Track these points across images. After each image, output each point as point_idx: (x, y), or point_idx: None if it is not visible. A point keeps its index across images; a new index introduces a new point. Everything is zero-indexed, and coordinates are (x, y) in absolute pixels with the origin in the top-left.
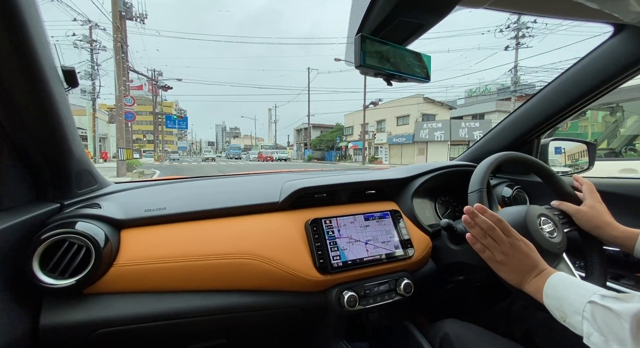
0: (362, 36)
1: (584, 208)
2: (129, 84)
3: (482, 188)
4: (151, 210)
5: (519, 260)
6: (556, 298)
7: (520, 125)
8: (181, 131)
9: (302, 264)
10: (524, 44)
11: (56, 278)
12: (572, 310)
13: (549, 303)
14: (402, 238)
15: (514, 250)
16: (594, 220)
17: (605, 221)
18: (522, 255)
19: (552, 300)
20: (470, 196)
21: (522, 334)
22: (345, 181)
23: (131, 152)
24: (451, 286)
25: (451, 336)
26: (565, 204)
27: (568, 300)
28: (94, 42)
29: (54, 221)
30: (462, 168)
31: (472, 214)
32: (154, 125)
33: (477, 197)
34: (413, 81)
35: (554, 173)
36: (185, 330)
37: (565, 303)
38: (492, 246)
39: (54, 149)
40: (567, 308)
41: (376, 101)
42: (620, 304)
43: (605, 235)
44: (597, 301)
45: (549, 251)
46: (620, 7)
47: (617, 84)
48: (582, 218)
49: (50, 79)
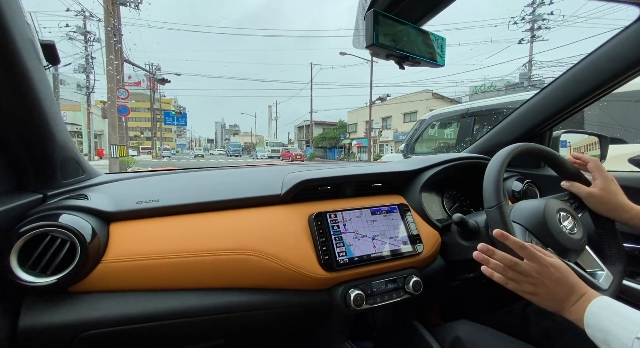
0: (374, 12)
1: (595, 190)
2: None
3: (500, 203)
4: (143, 202)
5: (551, 288)
6: (600, 330)
7: (533, 116)
8: (180, 128)
9: (305, 260)
10: (540, 37)
11: (37, 275)
12: (619, 346)
13: (593, 335)
14: (410, 233)
15: (544, 278)
16: (607, 202)
17: (619, 203)
18: (553, 282)
19: (596, 332)
20: (488, 213)
21: (539, 336)
22: (350, 174)
23: (125, 149)
24: (457, 283)
25: (463, 339)
26: (575, 185)
27: (614, 334)
28: (88, 33)
29: (35, 213)
30: (471, 160)
31: (489, 251)
32: (151, 121)
33: (498, 214)
34: (426, 65)
35: (558, 154)
36: (181, 331)
37: (610, 337)
38: (517, 280)
39: (33, 133)
40: (614, 343)
41: (384, 97)
42: None
43: (618, 216)
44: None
45: (572, 249)
46: None
47: (637, 73)
48: (594, 202)
49: (23, 51)
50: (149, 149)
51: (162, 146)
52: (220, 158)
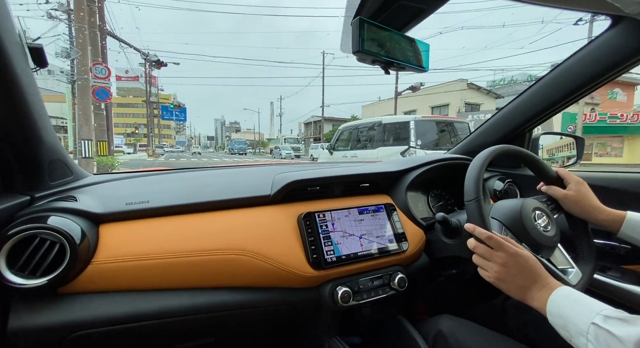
0: (360, 20)
1: (570, 191)
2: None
3: (478, 197)
4: (133, 203)
5: (516, 275)
6: (560, 316)
7: (514, 118)
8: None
9: (294, 259)
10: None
11: (26, 277)
12: (577, 331)
13: (553, 321)
14: (396, 231)
15: (509, 266)
16: (581, 203)
17: (592, 204)
18: (518, 270)
19: (556, 319)
20: (467, 205)
21: (517, 328)
22: (339, 174)
23: (105, 145)
24: (442, 279)
25: (445, 333)
26: (552, 188)
27: (572, 320)
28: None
29: (23, 215)
30: (455, 161)
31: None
32: (147, 115)
33: (476, 207)
34: (411, 70)
35: (539, 158)
36: (171, 330)
37: (569, 324)
38: (483, 264)
39: (21, 136)
40: (572, 328)
41: (417, 85)
42: (624, 328)
43: (592, 217)
44: (600, 325)
45: (545, 245)
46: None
47: (613, 76)
48: (569, 202)
49: (12, 55)
50: (147, 146)
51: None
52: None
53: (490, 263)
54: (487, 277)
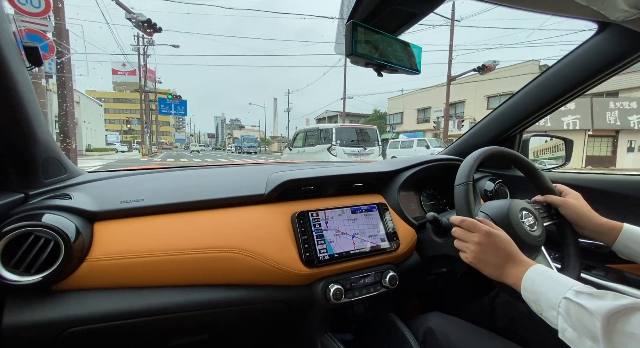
0: (353, 23)
1: (570, 199)
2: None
3: (468, 181)
4: (127, 202)
5: (491, 254)
6: (533, 292)
7: (505, 120)
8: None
9: (288, 258)
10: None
11: (20, 274)
12: (548, 305)
13: (527, 296)
14: (388, 230)
15: (484, 246)
16: (579, 211)
17: (590, 211)
18: (492, 248)
19: (530, 294)
20: (456, 189)
21: (504, 326)
22: (333, 174)
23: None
24: (433, 277)
25: (435, 330)
26: (550, 197)
27: (544, 295)
28: None
29: (17, 213)
30: (447, 161)
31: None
32: (140, 101)
33: (463, 190)
34: (403, 72)
35: (537, 168)
36: (165, 326)
37: (542, 298)
38: (462, 247)
39: (16, 133)
40: (544, 303)
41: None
42: (594, 302)
43: (591, 224)
44: (572, 298)
45: (529, 244)
46: (608, 5)
47: (599, 81)
48: (569, 209)
49: (8, 55)
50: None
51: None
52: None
53: (467, 243)
54: (465, 258)
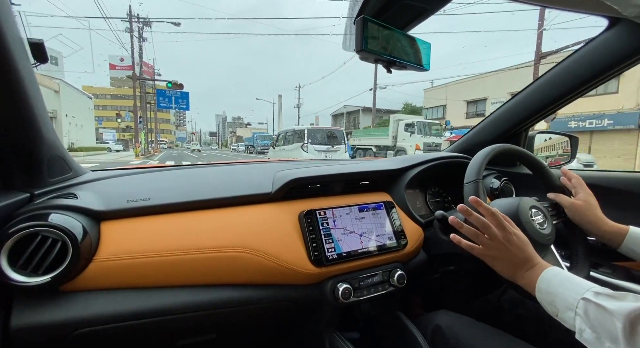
0: (364, 19)
1: (578, 201)
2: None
3: (478, 179)
4: (134, 201)
5: (513, 254)
6: (549, 293)
7: (512, 117)
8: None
9: (296, 257)
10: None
11: (28, 275)
12: (565, 306)
13: (542, 298)
14: (395, 229)
15: (508, 244)
16: (586, 213)
17: (597, 215)
18: (515, 248)
19: (545, 295)
20: (466, 186)
21: (511, 323)
22: (339, 172)
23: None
24: (438, 275)
25: (443, 327)
26: (560, 196)
27: (561, 295)
28: None
29: (23, 213)
30: (454, 159)
31: (467, 212)
32: (134, 96)
33: (473, 188)
34: (412, 69)
35: (545, 166)
36: (173, 327)
37: (558, 299)
38: (485, 244)
39: (21, 132)
40: (560, 303)
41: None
42: (614, 303)
43: (595, 229)
44: (591, 299)
45: (538, 242)
46: (622, 0)
47: (608, 77)
48: (575, 211)
49: (14, 52)
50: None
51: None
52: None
53: (488, 239)
54: (479, 252)
